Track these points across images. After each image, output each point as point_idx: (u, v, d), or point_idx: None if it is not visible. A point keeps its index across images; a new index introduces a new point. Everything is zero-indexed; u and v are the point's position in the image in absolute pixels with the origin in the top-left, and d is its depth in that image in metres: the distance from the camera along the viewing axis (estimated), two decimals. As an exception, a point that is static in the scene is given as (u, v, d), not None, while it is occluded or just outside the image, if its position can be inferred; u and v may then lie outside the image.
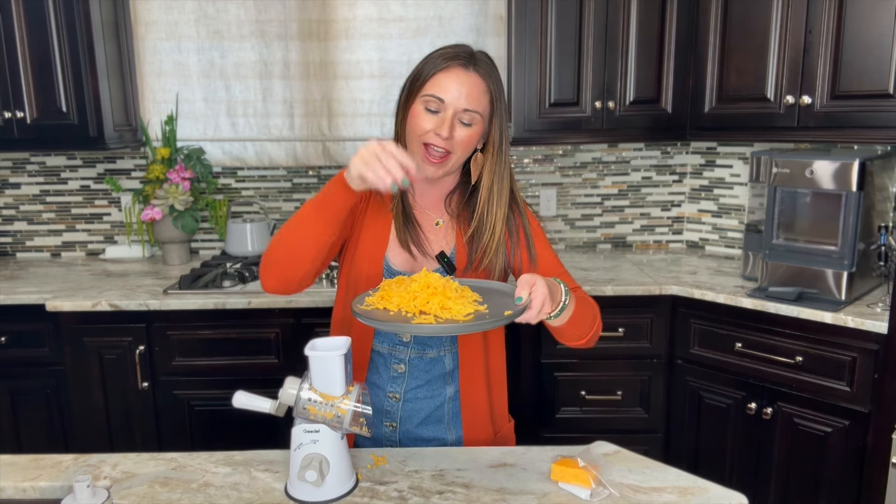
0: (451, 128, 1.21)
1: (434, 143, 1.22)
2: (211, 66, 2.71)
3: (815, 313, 1.99)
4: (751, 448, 2.18)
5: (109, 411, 2.30)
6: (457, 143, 1.23)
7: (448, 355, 1.34)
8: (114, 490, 1.11)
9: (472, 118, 1.23)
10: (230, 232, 2.67)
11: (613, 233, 2.91)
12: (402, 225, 1.31)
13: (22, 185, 2.84)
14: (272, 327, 2.25)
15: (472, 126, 1.24)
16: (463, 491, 1.10)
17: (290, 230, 1.20)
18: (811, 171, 2.05)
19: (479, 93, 1.23)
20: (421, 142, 1.23)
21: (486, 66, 1.25)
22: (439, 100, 1.22)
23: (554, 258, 1.38)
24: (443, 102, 1.22)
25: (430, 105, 1.23)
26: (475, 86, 1.22)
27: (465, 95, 1.21)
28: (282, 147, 2.77)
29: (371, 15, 2.66)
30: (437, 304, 1.11)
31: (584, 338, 1.29)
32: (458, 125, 1.23)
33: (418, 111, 1.24)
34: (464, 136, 1.23)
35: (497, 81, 1.26)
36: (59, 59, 2.39)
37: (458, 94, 1.21)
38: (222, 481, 1.14)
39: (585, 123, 2.46)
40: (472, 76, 1.23)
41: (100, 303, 2.20)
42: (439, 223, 1.20)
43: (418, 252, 1.32)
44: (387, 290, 1.17)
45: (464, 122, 1.23)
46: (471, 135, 1.24)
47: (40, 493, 1.15)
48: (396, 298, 1.14)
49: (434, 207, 1.36)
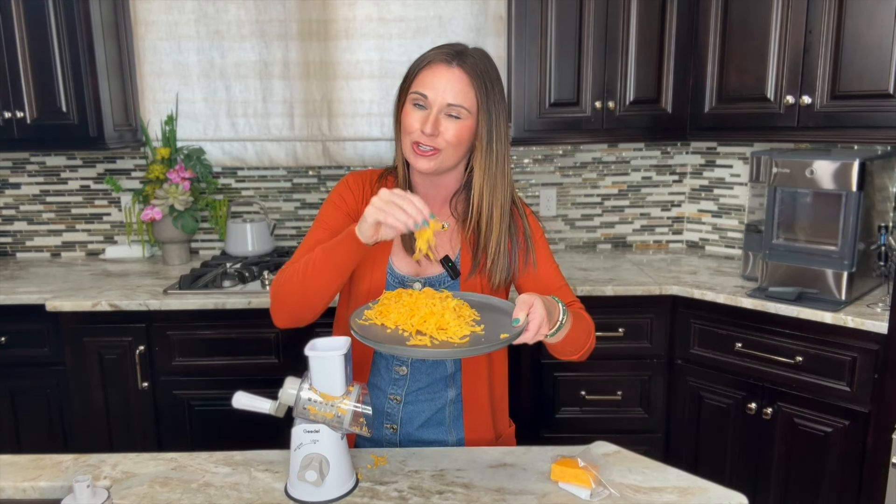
0: (436, 123, 1.22)
1: (421, 141, 1.23)
2: (211, 66, 2.71)
3: (815, 313, 1.99)
4: (751, 448, 2.18)
5: (109, 411, 2.30)
6: (444, 140, 1.23)
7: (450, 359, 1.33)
8: (114, 490, 1.11)
9: (460, 112, 1.23)
10: (230, 232, 2.67)
11: (613, 233, 2.91)
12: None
13: (22, 185, 2.85)
14: (272, 327, 2.21)
15: (461, 120, 1.23)
16: (463, 491, 1.10)
17: (301, 279, 1.20)
18: (811, 171, 2.05)
19: (464, 87, 1.22)
20: (410, 139, 1.24)
21: (474, 62, 1.24)
22: (423, 96, 1.23)
23: (554, 269, 1.38)
24: (426, 98, 1.22)
25: (417, 102, 1.24)
26: (459, 80, 1.22)
27: (449, 90, 1.21)
28: (282, 147, 2.77)
29: (371, 15, 2.66)
30: (433, 324, 1.10)
31: (578, 353, 1.29)
32: (444, 120, 1.22)
33: (408, 110, 1.25)
34: (452, 131, 1.23)
35: (487, 77, 1.25)
36: (59, 59, 2.39)
37: (442, 89, 1.22)
38: (222, 481, 1.14)
39: (585, 123, 2.46)
40: (455, 71, 1.22)
41: (100, 303, 2.20)
42: (444, 226, 1.21)
43: (423, 257, 1.31)
44: (385, 306, 1.17)
45: (451, 116, 1.23)
46: (460, 128, 1.23)
47: (40, 493, 1.15)
48: (395, 315, 1.14)
49: (439, 210, 1.35)
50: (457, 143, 1.24)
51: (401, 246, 1.33)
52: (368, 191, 1.35)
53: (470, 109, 1.23)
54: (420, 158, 1.24)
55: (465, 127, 1.24)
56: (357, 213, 1.33)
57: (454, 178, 1.34)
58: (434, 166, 1.25)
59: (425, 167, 1.25)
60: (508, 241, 1.31)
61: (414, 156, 1.25)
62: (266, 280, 2.34)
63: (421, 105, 1.23)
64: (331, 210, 1.34)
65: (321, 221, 1.34)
